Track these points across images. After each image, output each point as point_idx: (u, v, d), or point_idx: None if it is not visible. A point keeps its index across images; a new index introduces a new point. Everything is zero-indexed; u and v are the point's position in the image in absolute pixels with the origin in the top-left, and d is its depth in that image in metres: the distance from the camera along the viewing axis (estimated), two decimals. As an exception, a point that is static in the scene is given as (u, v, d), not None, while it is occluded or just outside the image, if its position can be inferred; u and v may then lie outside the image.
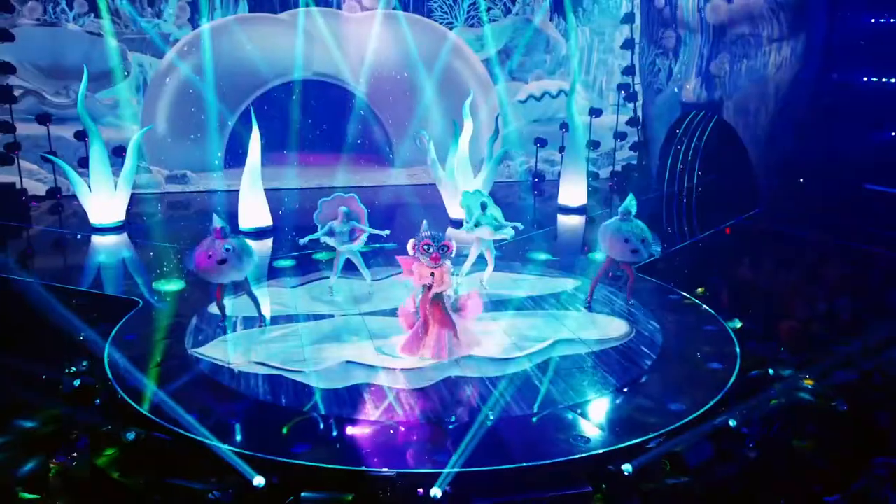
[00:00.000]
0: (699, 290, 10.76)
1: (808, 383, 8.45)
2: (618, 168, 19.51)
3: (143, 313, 9.80)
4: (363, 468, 6.15)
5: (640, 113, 19.09)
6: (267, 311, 9.84)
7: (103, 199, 14.09)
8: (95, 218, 14.13)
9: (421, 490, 5.93)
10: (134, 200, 16.01)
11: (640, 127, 19.15)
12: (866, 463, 7.03)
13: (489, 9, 19.04)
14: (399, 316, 8.65)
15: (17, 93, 16.18)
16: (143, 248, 13.31)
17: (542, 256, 12.69)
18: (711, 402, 7.46)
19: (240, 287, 9.26)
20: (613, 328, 9.49)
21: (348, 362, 8.26)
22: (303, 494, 5.92)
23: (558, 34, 19.42)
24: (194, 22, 17.51)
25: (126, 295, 10.49)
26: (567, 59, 19.15)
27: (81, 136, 15.45)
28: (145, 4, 17.11)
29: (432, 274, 8.09)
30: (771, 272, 12.37)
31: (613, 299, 10.49)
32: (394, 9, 18.17)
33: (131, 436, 6.59)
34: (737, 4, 15.44)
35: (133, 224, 14.65)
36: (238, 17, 17.65)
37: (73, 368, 8.20)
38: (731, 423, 7.04)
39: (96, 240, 13.76)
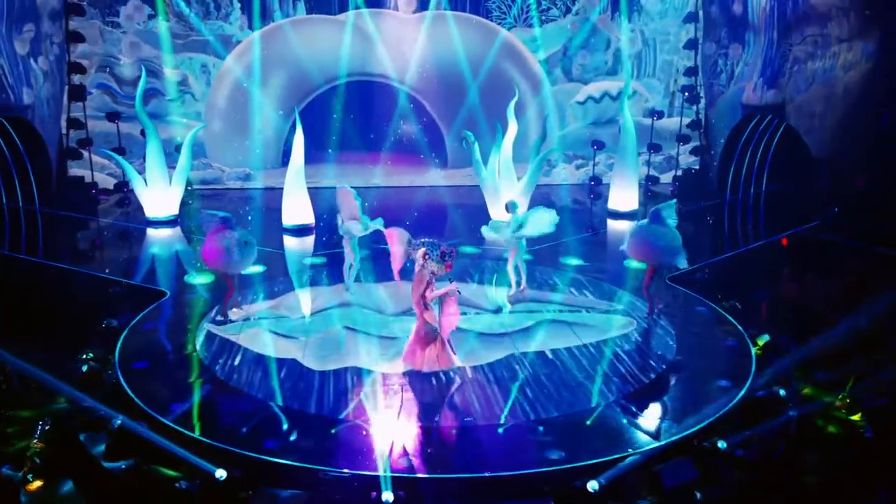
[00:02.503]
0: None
1: (838, 406, 7.94)
2: (679, 173, 18.80)
3: (168, 304, 10.18)
4: (319, 467, 6.17)
5: (702, 115, 18.36)
6: (307, 309, 10.11)
7: (158, 194, 14.75)
8: (150, 211, 14.81)
9: (374, 493, 5.89)
10: (195, 195, 16.75)
11: (701, 130, 18.42)
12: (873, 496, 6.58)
13: (548, 8, 18.74)
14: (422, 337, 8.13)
15: (91, 89, 17.19)
16: (191, 241, 13.82)
17: (575, 262, 12.37)
18: (706, 422, 7.06)
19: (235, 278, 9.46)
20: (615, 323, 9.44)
21: (346, 327, 8.74)
22: (260, 489, 6.01)
23: (619, 34, 18.88)
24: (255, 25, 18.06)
25: (157, 286, 10.92)
26: (627, 59, 18.59)
27: (148, 133, 16.22)
28: (211, 7, 17.78)
29: (450, 280, 7.88)
30: (819, 287, 11.61)
31: (637, 306, 10.13)
32: (441, 8, 18.12)
33: (117, 422, 6.85)
34: (804, 2, 14.59)
35: (188, 218, 15.25)
36: (292, 20, 18.04)
37: (91, 354, 8.61)
38: (721, 444, 6.65)
39: (149, 232, 14.41)
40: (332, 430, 6.83)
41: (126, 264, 12.60)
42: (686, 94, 18.38)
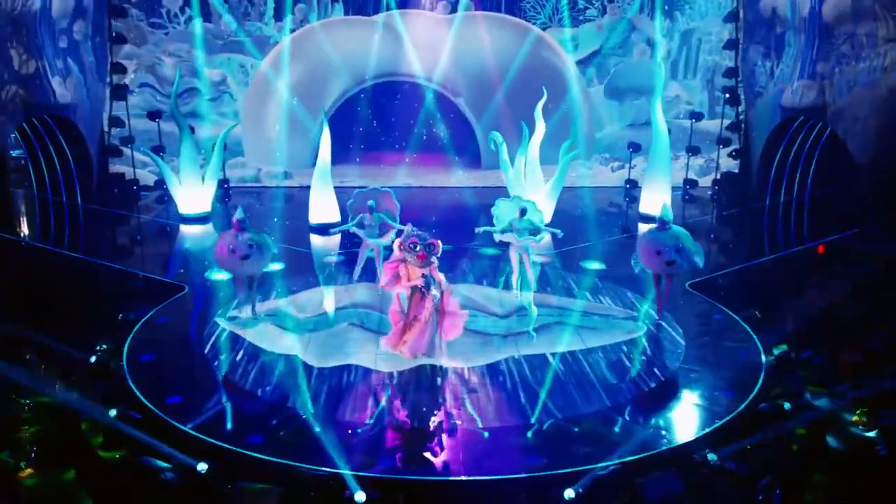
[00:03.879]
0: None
1: (858, 421, 7.63)
2: (719, 176, 18.28)
3: (185, 299, 10.42)
4: (297, 464, 6.22)
5: (741, 118, 17.83)
6: (330, 307, 10.25)
7: (191, 191, 15.12)
8: (184, 208, 15.19)
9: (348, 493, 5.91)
10: (232, 193, 17.11)
11: (740, 133, 17.90)
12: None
13: (586, 8, 18.48)
14: (389, 315, 8.55)
15: (134, 88, 17.70)
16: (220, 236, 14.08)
17: (595, 265, 12.18)
18: (699, 433, 6.86)
19: (253, 279, 9.59)
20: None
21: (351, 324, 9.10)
22: (238, 483, 6.10)
23: (658, 34, 18.46)
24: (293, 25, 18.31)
25: (178, 281, 11.17)
26: (666, 59, 18.13)
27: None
28: (248, 8, 18.11)
29: (423, 275, 7.97)
30: (849, 297, 11.12)
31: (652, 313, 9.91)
32: (469, 9, 18.06)
33: (112, 412, 7.05)
34: (846, 1, 14.03)
35: (222, 214, 15.58)
36: (325, 22, 18.19)
37: (104, 346, 8.87)
38: (711, 456, 6.44)
39: (181, 228, 14.78)
40: (317, 428, 6.88)
41: (153, 259, 12.94)
42: (727, 95, 17.88)
